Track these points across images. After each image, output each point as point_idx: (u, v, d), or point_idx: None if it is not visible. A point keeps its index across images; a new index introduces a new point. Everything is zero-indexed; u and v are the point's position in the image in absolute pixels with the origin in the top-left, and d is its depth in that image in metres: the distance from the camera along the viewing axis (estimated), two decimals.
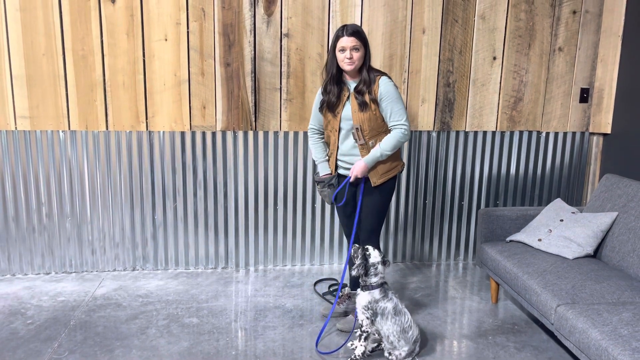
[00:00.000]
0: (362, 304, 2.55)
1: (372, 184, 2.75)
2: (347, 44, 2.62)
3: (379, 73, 2.72)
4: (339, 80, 2.76)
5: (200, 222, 3.70)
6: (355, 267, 2.52)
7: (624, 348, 2.02)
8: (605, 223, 2.95)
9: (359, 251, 2.55)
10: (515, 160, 3.94)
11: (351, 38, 2.61)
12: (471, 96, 3.78)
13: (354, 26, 2.67)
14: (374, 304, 2.53)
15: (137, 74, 3.45)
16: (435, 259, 4.03)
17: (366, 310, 2.54)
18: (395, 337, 2.53)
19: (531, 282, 2.71)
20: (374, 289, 2.54)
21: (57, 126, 3.44)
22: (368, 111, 2.67)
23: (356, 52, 2.63)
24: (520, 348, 2.76)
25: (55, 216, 3.55)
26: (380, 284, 2.55)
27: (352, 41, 2.62)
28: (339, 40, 2.65)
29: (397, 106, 2.67)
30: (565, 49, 3.80)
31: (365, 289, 2.55)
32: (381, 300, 2.54)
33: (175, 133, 3.56)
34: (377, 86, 2.66)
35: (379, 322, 2.54)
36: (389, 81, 2.69)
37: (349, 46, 2.62)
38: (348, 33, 2.62)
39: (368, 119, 2.69)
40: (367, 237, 2.82)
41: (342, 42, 2.63)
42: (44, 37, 3.32)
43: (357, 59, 2.64)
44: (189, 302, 3.22)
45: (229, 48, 3.50)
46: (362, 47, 2.65)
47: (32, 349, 2.65)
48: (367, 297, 2.54)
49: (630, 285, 2.56)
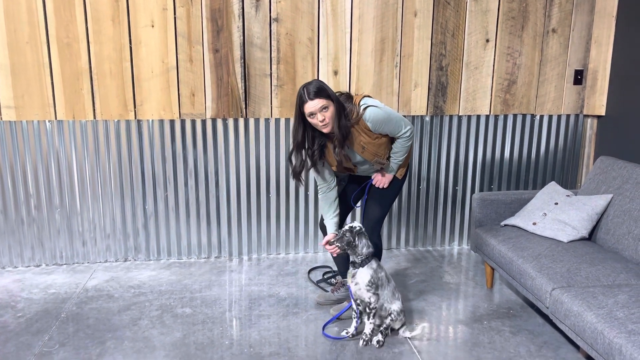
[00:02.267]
0: (366, 281, 2.53)
1: (399, 176, 2.75)
2: (314, 108, 2.39)
3: (357, 105, 2.50)
4: (316, 140, 2.54)
5: (192, 211, 3.66)
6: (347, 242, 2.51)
7: (620, 331, 2.01)
8: (600, 205, 2.93)
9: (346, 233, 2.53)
10: (510, 143, 3.90)
11: (315, 100, 2.38)
12: (464, 80, 3.74)
13: (315, 85, 2.43)
14: (375, 277, 2.55)
15: (124, 62, 3.38)
16: (430, 244, 4.00)
17: (371, 286, 2.53)
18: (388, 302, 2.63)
19: (526, 266, 2.69)
20: (370, 261, 2.55)
21: (43, 116, 3.37)
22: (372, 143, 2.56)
23: (326, 112, 2.41)
24: (516, 332, 2.74)
25: (44, 208, 3.50)
26: (372, 255, 2.57)
27: (317, 103, 2.38)
28: (304, 106, 2.42)
29: (391, 124, 2.54)
30: (559, 30, 3.76)
31: (363, 263, 2.54)
32: (378, 270, 2.58)
33: (164, 121, 3.50)
34: (365, 123, 2.51)
35: (381, 294, 2.59)
36: (372, 110, 2.49)
37: (317, 109, 2.39)
38: (311, 97, 2.38)
39: (378, 146, 2.59)
40: (372, 225, 2.79)
41: (308, 107, 2.40)
42: (27, 25, 3.24)
43: (329, 118, 2.41)
44: (182, 292, 3.19)
45: (217, 33, 3.43)
46: (331, 102, 2.42)
47: (22, 342, 2.61)
48: (368, 272, 2.54)
49: (626, 268, 2.55)
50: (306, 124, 2.50)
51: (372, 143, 2.57)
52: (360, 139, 2.55)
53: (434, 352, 2.56)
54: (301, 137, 2.52)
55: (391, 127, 2.56)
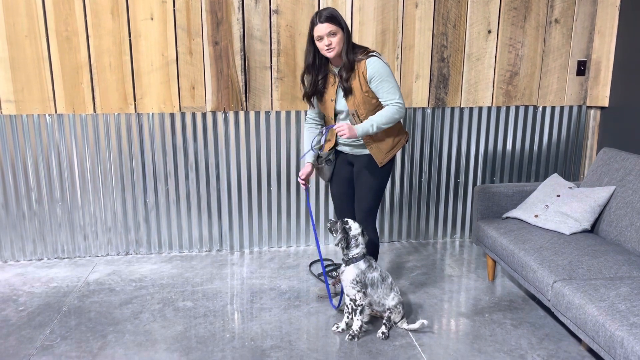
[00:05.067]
0: (350, 279, 2.55)
1: (379, 164, 2.68)
2: (322, 31, 2.49)
3: (366, 54, 2.59)
4: (322, 68, 2.65)
5: (193, 204, 3.66)
6: (337, 241, 2.53)
7: (622, 323, 2.00)
8: (603, 197, 2.91)
9: (337, 225, 2.55)
10: (512, 135, 3.88)
11: (325, 24, 2.49)
12: (466, 71, 3.71)
13: (328, 11, 2.53)
14: (361, 276, 2.55)
15: (124, 55, 3.37)
16: (432, 237, 3.99)
17: (355, 285, 2.54)
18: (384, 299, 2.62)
19: (528, 258, 2.68)
20: (358, 261, 2.55)
21: (43, 110, 3.36)
22: (361, 94, 2.58)
23: (334, 37, 2.50)
24: (517, 325, 2.74)
25: (45, 202, 3.50)
26: (363, 255, 2.57)
27: (327, 27, 2.49)
28: (314, 29, 2.53)
29: (388, 85, 2.55)
30: (562, 21, 3.72)
31: (350, 262, 2.56)
32: (367, 270, 2.57)
33: (164, 115, 3.49)
34: (365, 68, 2.55)
35: (370, 293, 2.58)
36: (378, 60, 2.55)
37: (325, 33, 2.49)
38: (322, 20, 2.49)
39: (362, 102, 2.60)
40: (364, 217, 2.77)
41: (317, 30, 2.51)
42: (26, 19, 3.22)
43: (336, 44, 2.51)
44: (183, 286, 3.19)
45: (217, 26, 3.41)
46: (340, 30, 2.52)
47: (24, 335, 2.62)
48: (353, 270, 2.55)
49: (628, 260, 2.53)
50: (316, 49, 2.60)
51: (361, 93, 2.59)
52: (353, 82, 2.58)
53: (435, 344, 2.55)
54: (312, 59, 2.63)
55: (385, 88, 2.55)
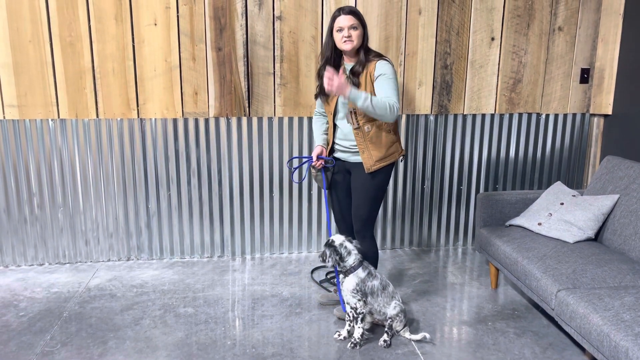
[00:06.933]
0: (350, 288, 2.54)
1: (366, 170, 2.65)
2: (344, 23, 2.56)
3: (379, 56, 2.64)
4: (336, 64, 2.69)
5: (195, 210, 3.65)
6: (328, 259, 2.51)
7: (627, 333, 1.98)
8: (607, 206, 2.90)
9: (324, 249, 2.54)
10: (515, 143, 3.87)
11: (348, 16, 2.56)
12: (469, 78, 3.71)
13: (351, 6, 2.63)
14: (361, 285, 2.54)
15: (127, 60, 3.37)
16: (434, 244, 3.98)
17: (356, 293, 2.53)
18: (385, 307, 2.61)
19: (531, 267, 2.66)
20: (356, 269, 2.53)
21: (46, 115, 3.36)
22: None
23: (354, 31, 2.57)
24: (520, 334, 2.72)
25: (47, 207, 3.49)
26: (360, 262, 2.55)
27: (349, 19, 2.56)
28: (336, 21, 2.59)
29: (390, 85, 2.55)
30: (565, 28, 3.72)
31: (348, 273, 2.54)
32: (367, 279, 2.55)
33: (167, 120, 3.49)
34: (374, 69, 2.59)
35: (371, 301, 2.57)
36: (388, 64, 2.61)
37: (347, 25, 2.56)
38: (345, 12, 2.58)
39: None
40: (360, 226, 2.76)
41: (339, 21, 2.58)
42: (30, 24, 3.23)
43: (355, 37, 2.58)
44: (185, 292, 3.18)
45: (220, 32, 3.41)
46: (360, 26, 2.60)
47: (24, 341, 2.61)
48: (353, 279, 2.54)
49: (632, 269, 2.51)
50: (334, 45, 2.64)
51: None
52: (361, 79, 2.62)
53: (437, 353, 2.53)
54: (330, 53, 2.67)
55: (387, 86, 2.56)
